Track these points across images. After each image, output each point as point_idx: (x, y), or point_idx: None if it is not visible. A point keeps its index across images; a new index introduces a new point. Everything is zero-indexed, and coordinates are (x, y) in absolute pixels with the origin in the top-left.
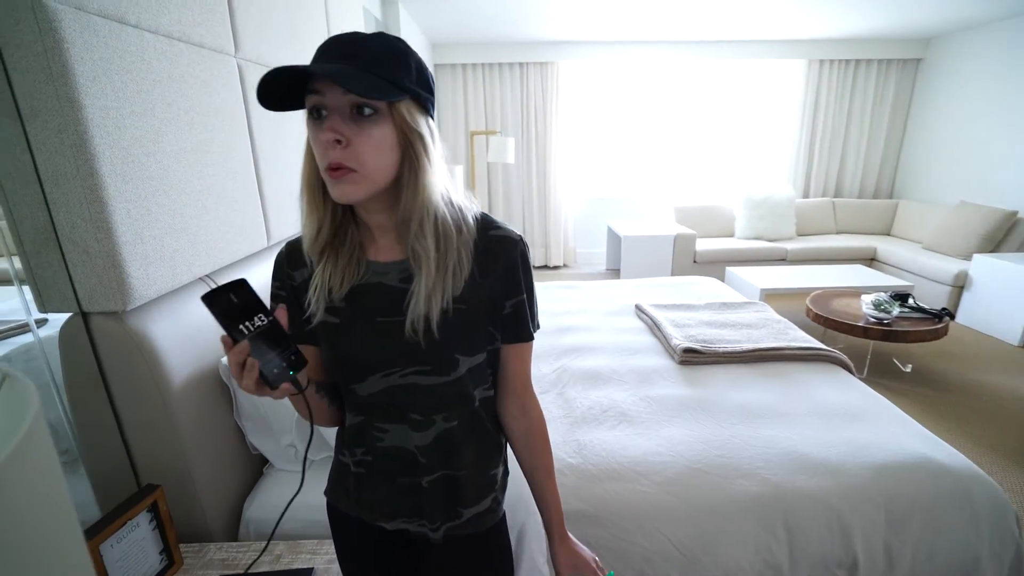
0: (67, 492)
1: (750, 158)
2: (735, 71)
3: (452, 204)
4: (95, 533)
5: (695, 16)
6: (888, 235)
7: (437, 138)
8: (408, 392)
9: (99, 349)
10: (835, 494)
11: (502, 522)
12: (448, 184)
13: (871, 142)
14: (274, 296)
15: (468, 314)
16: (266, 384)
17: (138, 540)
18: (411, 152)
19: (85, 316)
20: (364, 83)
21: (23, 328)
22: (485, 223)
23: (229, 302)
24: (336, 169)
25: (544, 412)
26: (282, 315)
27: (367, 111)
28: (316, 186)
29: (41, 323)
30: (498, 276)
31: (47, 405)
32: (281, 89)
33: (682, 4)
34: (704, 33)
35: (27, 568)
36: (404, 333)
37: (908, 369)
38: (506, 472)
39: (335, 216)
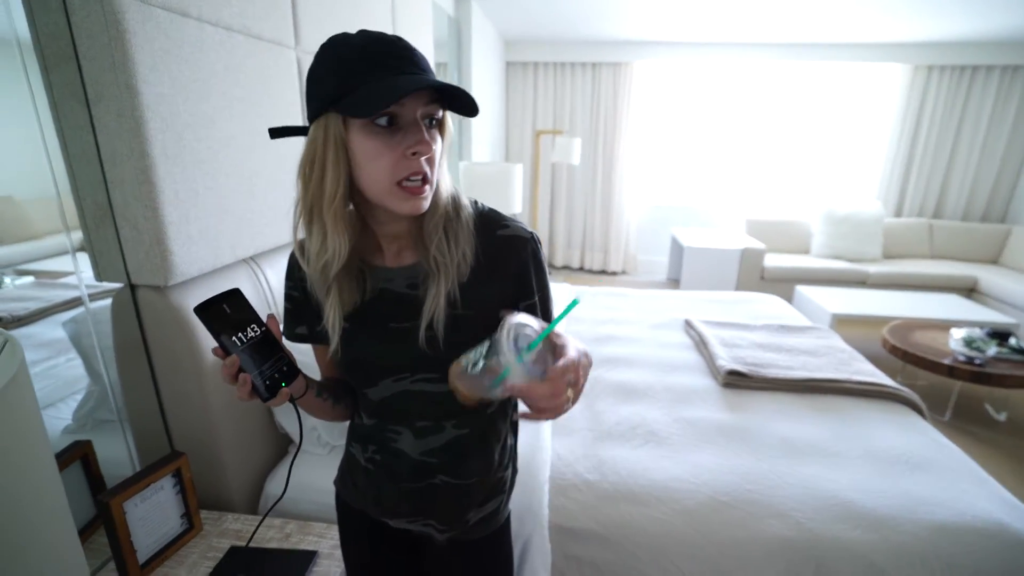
0: (43, 427)
1: (834, 171)
2: (823, 76)
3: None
4: (120, 491)
5: (785, 16)
6: (995, 264)
7: None
8: (417, 398)
9: (143, 320)
10: (879, 550)
11: (506, 526)
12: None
13: (984, 159)
14: (288, 296)
15: (477, 320)
16: (258, 396)
17: (161, 502)
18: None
19: (133, 288)
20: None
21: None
22: (492, 220)
23: (222, 313)
24: (422, 181)
25: (568, 423)
26: (273, 325)
27: (434, 121)
28: (343, 203)
29: (107, 294)
30: (509, 279)
31: (94, 371)
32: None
33: (773, 3)
34: (791, 35)
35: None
36: (414, 338)
37: (1002, 417)
38: (515, 471)
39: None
